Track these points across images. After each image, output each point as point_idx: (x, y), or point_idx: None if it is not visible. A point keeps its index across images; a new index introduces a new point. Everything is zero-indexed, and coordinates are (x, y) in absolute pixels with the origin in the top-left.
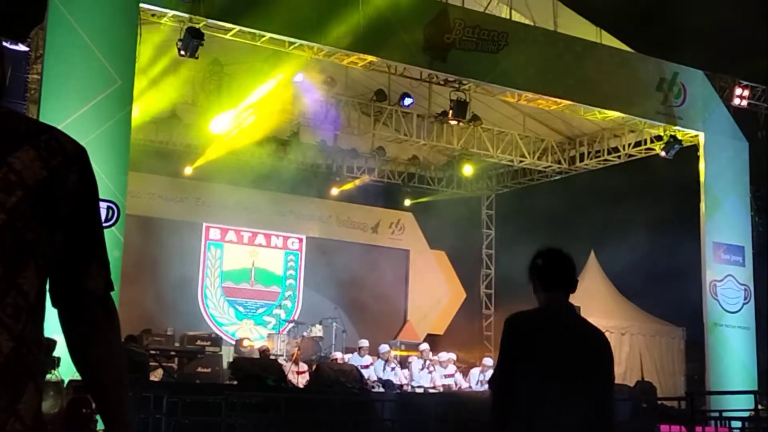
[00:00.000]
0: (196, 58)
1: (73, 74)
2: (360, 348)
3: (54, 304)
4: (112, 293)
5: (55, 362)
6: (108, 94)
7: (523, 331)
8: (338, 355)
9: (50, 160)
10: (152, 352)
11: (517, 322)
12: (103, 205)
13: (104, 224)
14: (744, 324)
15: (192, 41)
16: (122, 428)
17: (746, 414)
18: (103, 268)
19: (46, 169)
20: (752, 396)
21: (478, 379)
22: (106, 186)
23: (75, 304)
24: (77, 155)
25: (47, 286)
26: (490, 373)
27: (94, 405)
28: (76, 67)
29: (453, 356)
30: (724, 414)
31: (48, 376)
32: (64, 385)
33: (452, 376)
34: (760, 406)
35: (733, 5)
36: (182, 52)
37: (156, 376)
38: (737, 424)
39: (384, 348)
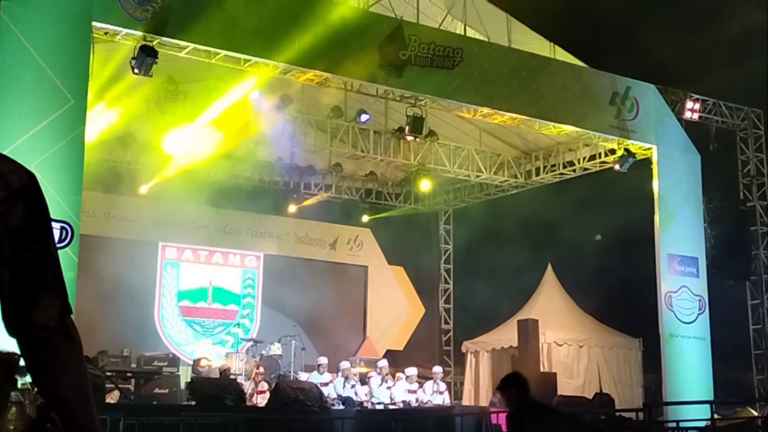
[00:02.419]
0: (150, 76)
1: (24, 93)
2: (319, 365)
3: (10, 335)
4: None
5: (16, 382)
6: (61, 113)
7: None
8: (302, 374)
9: None
10: (108, 373)
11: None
12: (56, 225)
13: (58, 245)
14: (699, 334)
15: (146, 59)
16: None
17: (703, 424)
18: (55, 298)
19: None
20: (708, 406)
21: (433, 390)
22: (59, 206)
23: (27, 336)
24: (22, 188)
25: None
26: (442, 383)
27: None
28: (27, 87)
29: (416, 371)
30: (681, 424)
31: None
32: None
33: (415, 392)
34: (716, 416)
35: (683, 21)
36: (136, 71)
37: (112, 398)
38: None
39: (345, 365)
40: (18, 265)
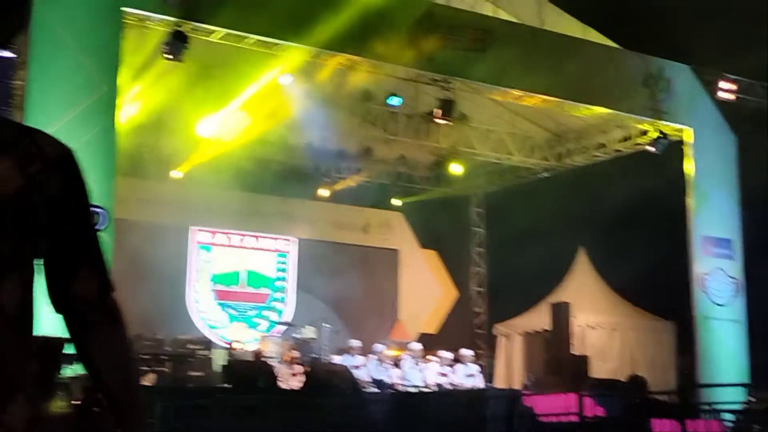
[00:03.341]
0: (182, 61)
1: (58, 81)
2: (351, 348)
3: (56, 311)
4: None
5: (60, 364)
6: (94, 100)
7: None
8: (335, 357)
9: (27, 167)
10: (143, 356)
11: None
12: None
13: None
14: (734, 317)
15: (177, 44)
16: (134, 428)
17: (737, 407)
18: (95, 272)
19: (23, 177)
20: (743, 388)
21: (464, 373)
22: (94, 192)
23: (71, 310)
24: (59, 159)
25: (32, 296)
26: (472, 365)
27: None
28: (60, 74)
29: (452, 355)
30: (716, 407)
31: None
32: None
33: (446, 375)
34: (751, 399)
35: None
36: (168, 56)
37: (148, 380)
38: (729, 416)
39: (379, 347)
40: (56, 236)
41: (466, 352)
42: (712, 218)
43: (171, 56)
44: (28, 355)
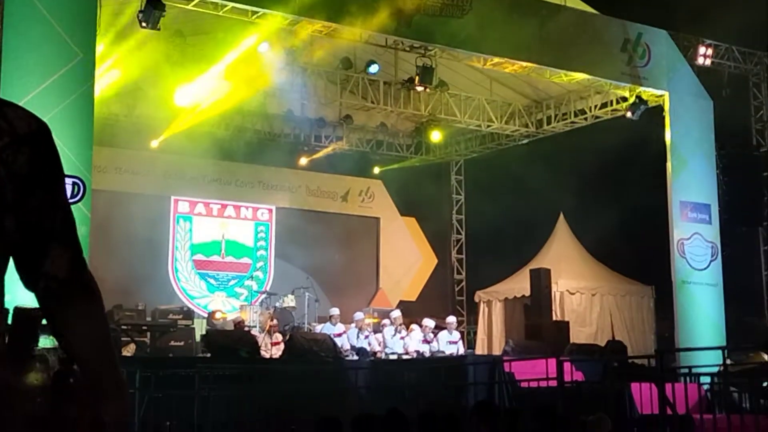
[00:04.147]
0: (158, 29)
1: (32, 49)
2: (331, 316)
3: (27, 288)
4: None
5: (38, 338)
6: (69, 68)
7: None
8: (316, 326)
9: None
10: (124, 327)
11: None
12: (68, 181)
13: (71, 200)
14: (712, 281)
15: (153, 12)
16: (111, 401)
17: (715, 369)
18: (66, 249)
19: None
20: (720, 351)
21: (447, 340)
22: (71, 161)
23: (42, 288)
24: (29, 134)
25: (2, 270)
26: (455, 332)
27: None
28: (35, 42)
29: (434, 323)
30: (694, 370)
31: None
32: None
33: (429, 342)
34: (729, 362)
35: None
36: (143, 24)
37: (128, 351)
38: (706, 379)
39: (359, 315)
40: (23, 213)
41: (451, 319)
42: (691, 183)
43: (147, 24)
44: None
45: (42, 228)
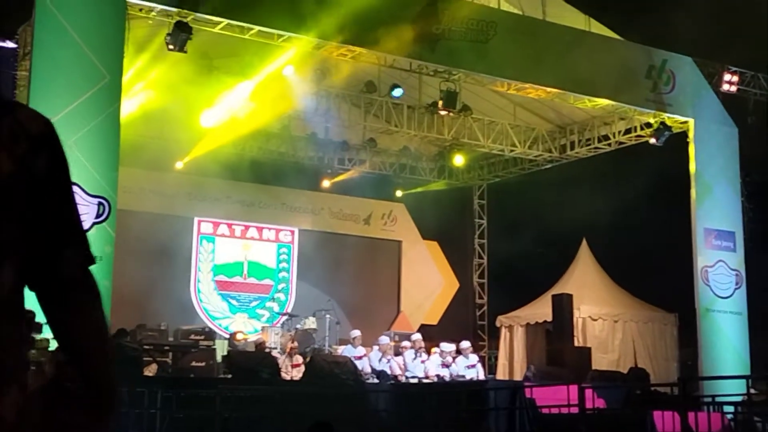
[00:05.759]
0: (185, 52)
1: (61, 70)
2: (353, 339)
3: (31, 289)
4: (100, 276)
5: (33, 339)
6: (97, 90)
7: None
8: (337, 348)
9: (15, 148)
10: (146, 347)
11: None
12: (94, 200)
13: (96, 220)
14: (736, 309)
15: (180, 35)
16: (107, 405)
17: (739, 399)
18: (78, 248)
19: (12, 161)
20: (744, 381)
21: (465, 364)
22: (97, 182)
23: (52, 289)
24: (43, 135)
25: (23, 281)
26: (472, 356)
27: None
28: (64, 64)
29: (454, 347)
30: (717, 399)
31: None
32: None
33: (448, 366)
34: (752, 391)
35: None
36: (171, 47)
37: (150, 371)
38: (730, 408)
39: (384, 340)
40: (43, 216)
41: (465, 344)
42: (715, 210)
43: (174, 47)
44: (20, 343)
45: (60, 230)
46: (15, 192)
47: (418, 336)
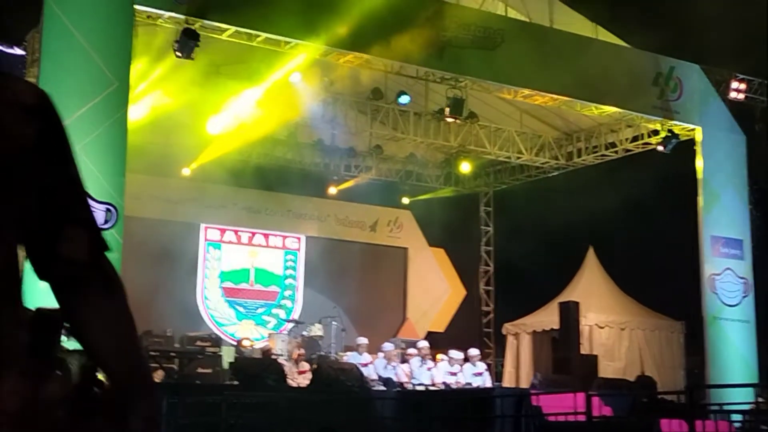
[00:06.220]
0: (192, 59)
1: (69, 77)
2: (358, 346)
3: (40, 278)
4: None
5: (60, 342)
6: (104, 96)
7: None
8: (343, 355)
9: (8, 120)
10: (152, 353)
11: None
12: (101, 207)
13: (103, 226)
14: (743, 317)
15: (188, 42)
16: (140, 401)
17: (746, 407)
18: (84, 229)
19: (5, 133)
20: (752, 389)
21: (471, 372)
22: (104, 188)
23: (58, 274)
24: (37, 104)
25: (18, 260)
26: (480, 364)
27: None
28: (72, 70)
29: (462, 354)
30: (725, 407)
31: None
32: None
33: (455, 374)
34: (760, 399)
35: None
36: (178, 53)
37: (156, 377)
38: (737, 417)
39: (389, 347)
40: (38, 192)
41: (474, 352)
42: (722, 218)
43: (182, 54)
44: (17, 325)
45: (57, 207)
46: (9, 165)
47: (424, 343)
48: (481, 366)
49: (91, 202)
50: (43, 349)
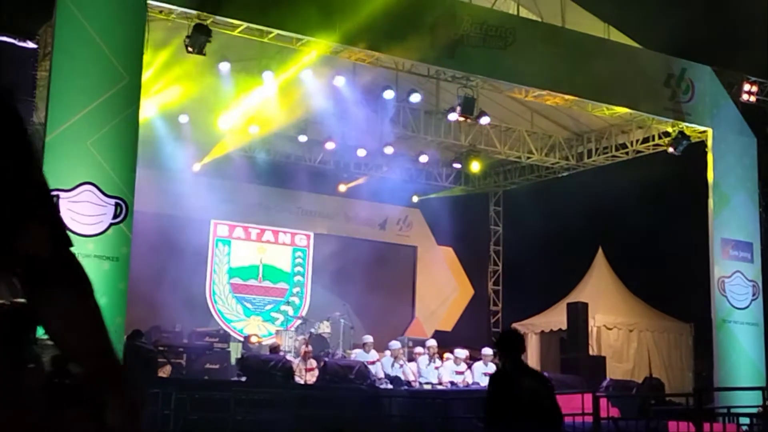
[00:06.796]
0: (204, 54)
1: (81, 71)
2: (365, 344)
3: (4, 275)
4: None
5: (33, 335)
6: (116, 91)
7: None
8: (350, 353)
9: None
10: (160, 348)
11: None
12: (111, 201)
13: (113, 221)
14: (752, 320)
15: (200, 38)
16: (112, 398)
17: (754, 410)
18: (43, 226)
19: None
20: (760, 392)
21: (482, 371)
22: (114, 182)
23: (21, 271)
24: None
25: None
26: (491, 365)
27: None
28: (84, 64)
29: (467, 353)
30: (732, 410)
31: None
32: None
33: (462, 373)
34: None
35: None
36: (190, 49)
37: (164, 372)
38: (745, 420)
39: (395, 345)
40: None
41: (487, 351)
42: (732, 220)
43: (193, 50)
44: None
45: (13, 204)
46: None
47: (432, 342)
48: (493, 367)
49: (101, 196)
50: (16, 341)
